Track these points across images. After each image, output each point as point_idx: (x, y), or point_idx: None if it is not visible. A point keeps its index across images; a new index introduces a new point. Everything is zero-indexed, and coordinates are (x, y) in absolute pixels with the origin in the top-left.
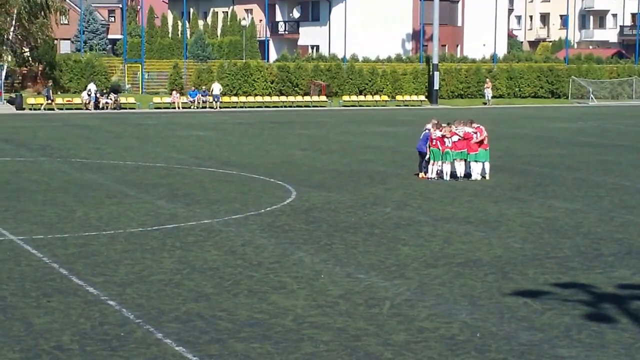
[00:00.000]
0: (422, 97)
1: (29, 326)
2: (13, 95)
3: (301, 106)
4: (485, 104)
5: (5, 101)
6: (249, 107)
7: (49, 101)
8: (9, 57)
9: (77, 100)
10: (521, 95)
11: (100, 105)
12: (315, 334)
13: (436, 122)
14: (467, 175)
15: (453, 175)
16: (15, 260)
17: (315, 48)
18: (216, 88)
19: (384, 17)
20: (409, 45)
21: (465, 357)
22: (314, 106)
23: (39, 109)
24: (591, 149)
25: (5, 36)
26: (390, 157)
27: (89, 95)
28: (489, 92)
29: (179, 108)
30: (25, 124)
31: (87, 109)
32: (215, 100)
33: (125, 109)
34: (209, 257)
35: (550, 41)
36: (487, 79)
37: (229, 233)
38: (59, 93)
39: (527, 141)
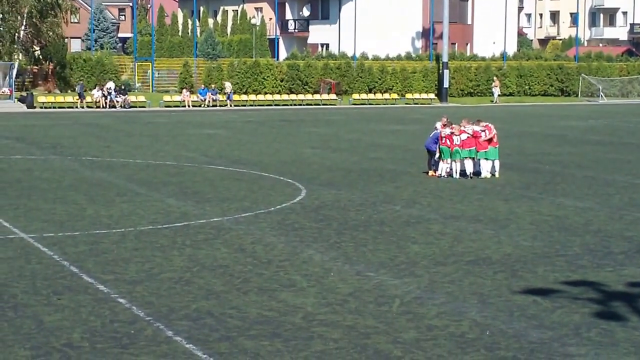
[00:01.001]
0: (432, 95)
1: (39, 324)
2: (24, 93)
3: (311, 104)
4: (492, 102)
5: (16, 100)
6: (258, 105)
7: (81, 99)
8: (20, 55)
9: (87, 98)
10: (531, 94)
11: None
12: (324, 331)
13: (445, 120)
14: (477, 173)
15: (463, 173)
16: (26, 258)
17: (325, 46)
18: (228, 87)
19: (394, 15)
20: (419, 44)
21: (475, 355)
22: (323, 104)
23: (50, 107)
24: (601, 147)
25: (16, 35)
26: (400, 156)
27: (108, 93)
28: (497, 91)
29: (189, 106)
30: (36, 122)
31: (100, 107)
32: (228, 98)
33: (135, 107)
34: (219, 255)
35: (560, 39)
36: (495, 78)
37: (239, 231)
38: (69, 92)
39: (537, 139)
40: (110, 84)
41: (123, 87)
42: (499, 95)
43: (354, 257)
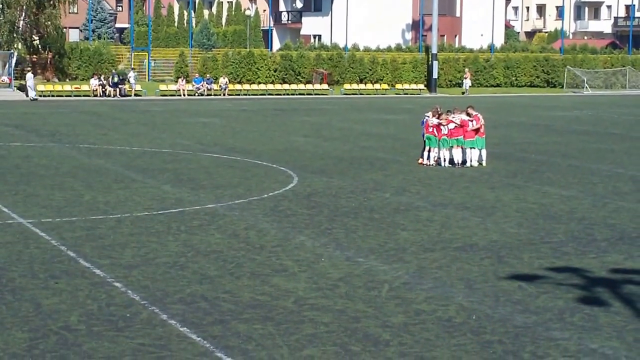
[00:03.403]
0: (421, 86)
1: (37, 307)
2: (23, 82)
3: (303, 94)
4: (463, 93)
5: (15, 88)
6: (252, 94)
7: (116, 88)
8: (19, 45)
9: (85, 87)
10: (518, 85)
11: (107, 93)
12: (315, 315)
13: (436, 110)
14: (464, 161)
15: (451, 161)
16: (24, 242)
17: (317, 37)
18: (222, 80)
19: (385, 7)
20: (409, 35)
21: (462, 339)
22: (316, 94)
23: (49, 95)
24: (586, 137)
25: (16, 25)
26: (390, 144)
27: (129, 81)
28: (467, 82)
29: (184, 95)
30: (35, 110)
31: (98, 95)
32: (222, 89)
33: (130, 96)
34: (213, 241)
35: (546, 32)
36: (466, 70)
37: (233, 217)
38: (67, 80)
39: (523, 129)
40: (132, 74)
41: (121, 76)
42: (469, 86)
43: (344, 243)
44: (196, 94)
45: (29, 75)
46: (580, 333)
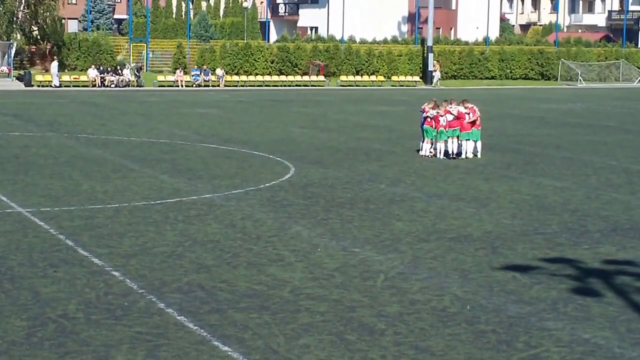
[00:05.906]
0: (417, 78)
1: (36, 295)
2: (22, 72)
3: (300, 85)
4: (434, 86)
5: (14, 78)
6: (249, 86)
7: (138, 79)
8: (18, 35)
9: (83, 77)
10: (512, 77)
11: (106, 83)
12: (311, 305)
13: (434, 103)
14: (460, 153)
15: (446, 153)
16: (23, 231)
17: (314, 29)
18: (219, 72)
19: (381, 0)
20: (405, 28)
21: (456, 328)
22: (312, 86)
23: (47, 86)
24: (579, 129)
25: (15, 15)
26: (385, 136)
27: (133, 73)
28: (437, 75)
29: (182, 86)
30: (34, 100)
31: (96, 86)
32: (219, 79)
33: (128, 86)
34: (210, 231)
35: (541, 25)
36: (434, 62)
37: (229, 207)
38: (66, 71)
39: (517, 121)
40: (135, 66)
41: (118, 67)
42: (439, 79)
43: (340, 234)
44: (194, 85)
45: (54, 64)
46: (574, 323)
